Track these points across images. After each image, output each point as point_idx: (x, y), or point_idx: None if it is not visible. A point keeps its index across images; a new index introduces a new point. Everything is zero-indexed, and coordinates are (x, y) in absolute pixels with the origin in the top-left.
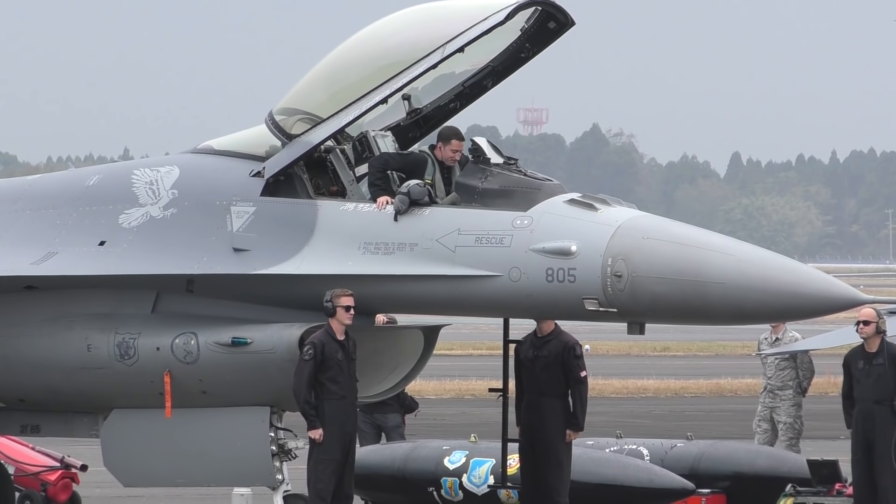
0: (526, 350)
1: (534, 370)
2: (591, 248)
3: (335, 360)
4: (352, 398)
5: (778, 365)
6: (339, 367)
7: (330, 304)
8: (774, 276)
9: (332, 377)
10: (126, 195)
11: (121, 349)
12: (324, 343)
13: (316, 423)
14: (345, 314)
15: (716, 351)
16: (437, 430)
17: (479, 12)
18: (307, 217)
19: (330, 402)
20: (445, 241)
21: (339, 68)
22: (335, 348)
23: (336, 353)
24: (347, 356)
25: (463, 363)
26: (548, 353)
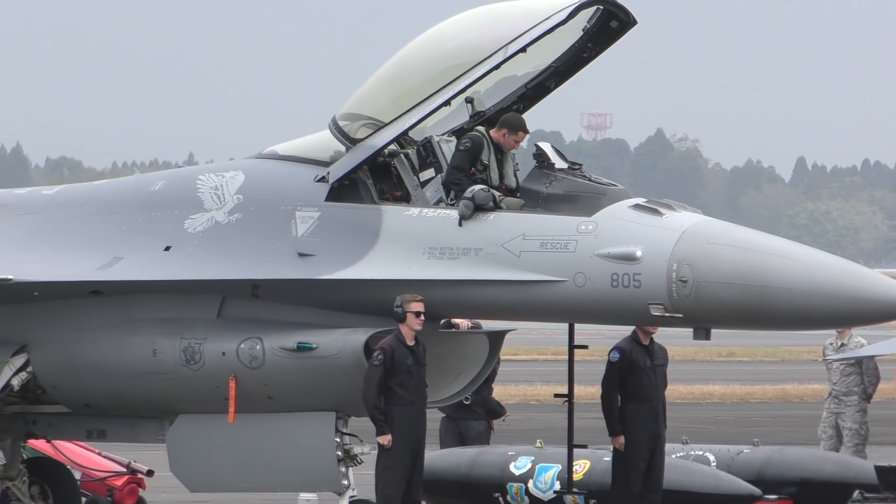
0: (641, 358)
1: (655, 378)
2: (657, 254)
3: (405, 366)
4: (420, 404)
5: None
6: (409, 373)
7: (400, 310)
8: (840, 281)
9: (401, 382)
10: (191, 200)
11: (186, 354)
12: (393, 348)
13: (385, 429)
14: (415, 319)
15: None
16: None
17: (540, 12)
18: (372, 222)
19: (399, 407)
20: (510, 246)
21: (401, 72)
22: (405, 354)
23: (406, 358)
24: (417, 362)
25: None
26: (661, 360)
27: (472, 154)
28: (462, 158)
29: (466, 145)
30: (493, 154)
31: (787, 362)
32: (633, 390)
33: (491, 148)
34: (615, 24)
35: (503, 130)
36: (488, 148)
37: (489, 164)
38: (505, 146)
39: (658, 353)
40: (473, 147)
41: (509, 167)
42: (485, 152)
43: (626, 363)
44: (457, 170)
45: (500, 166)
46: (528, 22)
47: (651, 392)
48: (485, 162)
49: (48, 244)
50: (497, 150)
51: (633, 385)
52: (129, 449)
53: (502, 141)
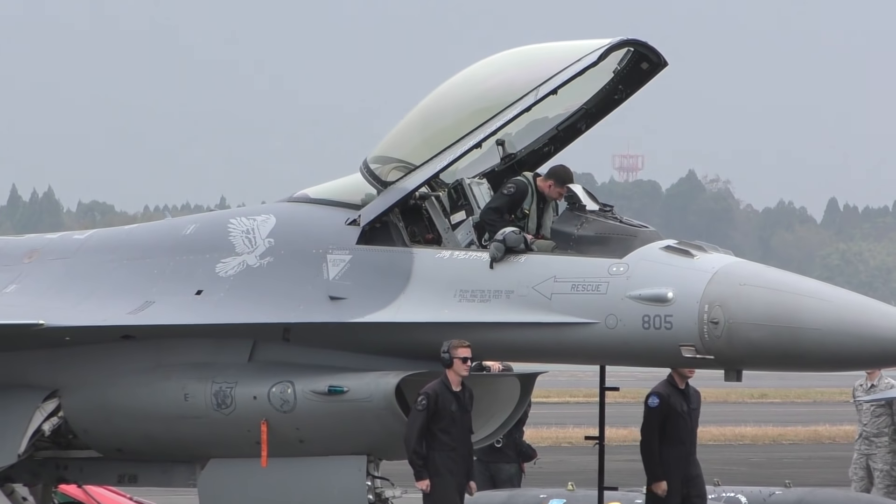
0: (678, 402)
1: (690, 422)
2: (688, 295)
3: (448, 412)
4: (463, 450)
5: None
6: (452, 419)
7: (447, 355)
8: (871, 322)
9: (443, 428)
10: (223, 244)
11: (218, 398)
12: (438, 393)
13: (423, 474)
14: (462, 365)
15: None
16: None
17: (571, 54)
18: (403, 265)
19: (440, 452)
20: (541, 288)
21: (432, 114)
22: (449, 399)
23: (450, 404)
24: (462, 408)
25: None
26: (696, 404)
27: (514, 200)
28: (502, 201)
29: (511, 190)
30: (536, 202)
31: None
32: (669, 434)
33: (534, 196)
34: (646, 65)
35: (550, 182)
36: (532, 196)
37: (529, 213)
38: (549, 196)
39: (693, 397)
40: (517, 193)
41: (548, 217)
42: (527, 200)
43: (663, 407)
44: (494, 211)
45: (541, 215)
46: (559, 64)
47: (685, 436)
48: (526, 210)
49: (79, 289)
50: (540, 198)
51: (669, 429)
52: (160, 494)
53: (547, 191)
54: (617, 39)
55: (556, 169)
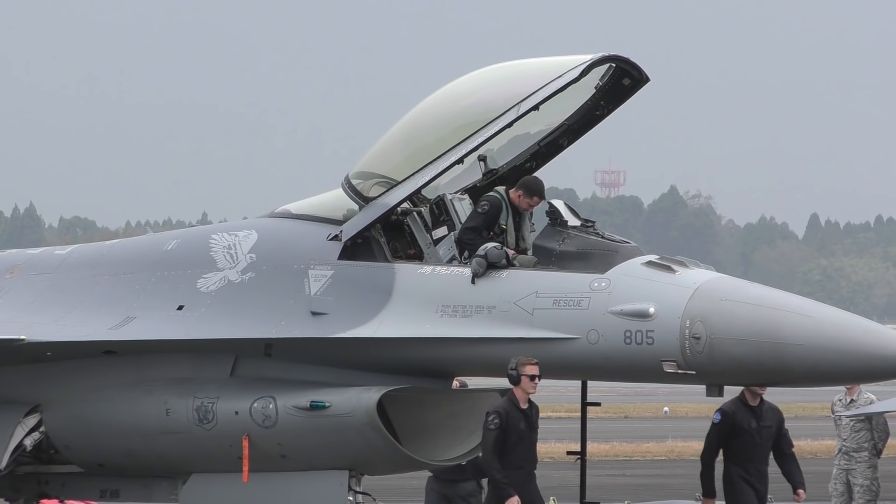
0: (746, 420)
1: (760, 440)
2: (670, 311)
3: (517, 430)
4: (530, 468)
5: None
6: (520, 437)
7: (515, 372)
8: (853, 338)
9: (512, 446)
10: (204, 259)
11: (199, 413)
12: (508, 412)
13: (510, 492)
14: (529, 383)
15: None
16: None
17: (553, 70)
18: (385, 280)
19: (509, 471)
20: (523, 303)
21: (414, 130)
22: (518, 417)
23: (519, 422)
24: (530, 425)
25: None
26: (770, 421)
27: (490, 217)
28: (478, 220)
29: (484, 208)
30: (512, 216)
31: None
32: (736, 451)
33: (509, 210)
34: (628, 81)
35: (520, 192)
36: (507, 210)
37: (507, 228)
38: (519, 207)
39: (767, 414)
40: (491, 210)
41: (526, 228)
42: (503, 215)
43: (728, 425)
44: (471, 230)
45: (518, 228)
46: (540, 80)
47: (754, 453)
48: (503, 226)
49: (61, 304)
50: (515, 211)
51: (737, 447)
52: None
53: (517, 202)
54: (599, 55)
55: (525, 180)
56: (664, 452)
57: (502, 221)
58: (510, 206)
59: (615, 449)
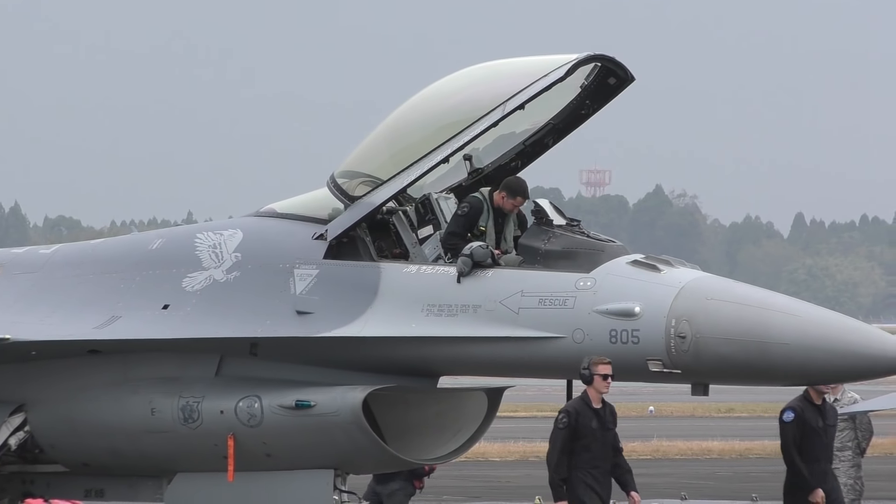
0: (813, 418)
1: (826, 439)
2: (655, 310)
3: (589, 429)
4: (605, 467)
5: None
6: (593, 436)
7: (587, 372)
8: (838, 337)
9: (585, 445)
10: (189, 259)
11: (185, 412)
12: (578, 411)
13: (562, 495)
14: (602, 382)
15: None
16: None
17: (538, 69)
18: (370, 279)
19: (582, 471)
20: (509, 302)
21: (399, 129)
22: (590, 416)
23: (590, 421)
24: (603, 425)
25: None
26: (833, 420)
27: (470, 219)
28: (459, 224)
29: (464, 210)
30: (493, 218)
31: None
32: (804, 450)
33: (490, 212)
34: (613, 80)
35: (503, 193)
36: (488, 212)
37: (486, 230)
38: (503, 208)
39: (830, 413)
40: (471, 212)
41: (509, 230)
42: (483, 216)
43: (798, 422)
44: (453, 235)
45: (500, 230)
46: (526, 79)
47: (821, 452)
48: (482, 227)
49: (46, 303)
50: (498, 213)
51: (805, 445)
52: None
53: (501, 203)
54: (584, 55)
55: (508, 181)
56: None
57: (482, 223)
58: (492, 207)
59: None
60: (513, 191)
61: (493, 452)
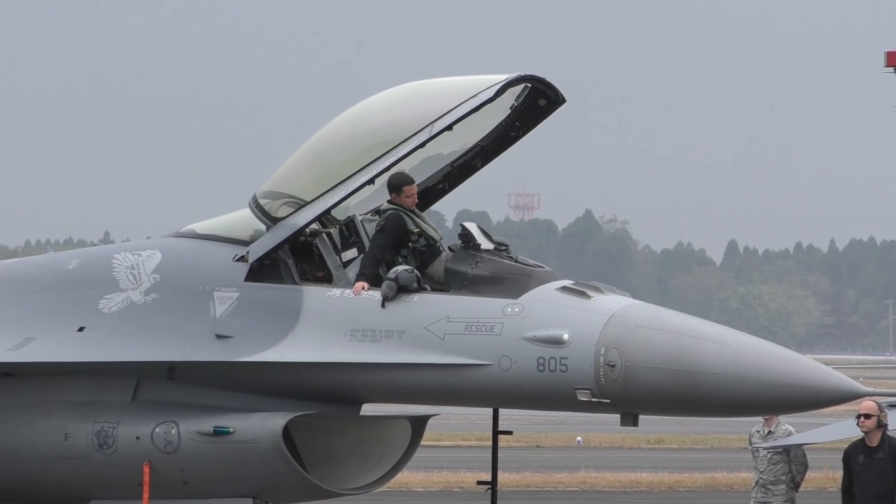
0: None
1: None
2: (584, 337)
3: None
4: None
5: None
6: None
7: None
8: (770, 367)
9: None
10: (106, 280)
11: (99, 438)
12: None
13: None
14: None
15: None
16: None
17: (467, 90)
18: (292, 303)
19: None
20: (434, 328)
21: (323, 149)
22: None
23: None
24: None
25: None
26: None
27: (393, 232)
28: (379, 241)
29: (381, 224)
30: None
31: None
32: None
33: (409, 213)
34: (543, 102)
35: (393, 194)
36: (407, 214)
37: (423, 229)
38: (406, 206)
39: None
40: (389, 224)
41: (426, 218)
42: (407, 220)
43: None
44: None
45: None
46: (454, 100)
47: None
48: (415, 231)
49: None
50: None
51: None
52: None
53: (400, 203)
54: (514, 75)
55: (389, 181)
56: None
57: (411, 227)
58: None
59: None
60: (398, 185)
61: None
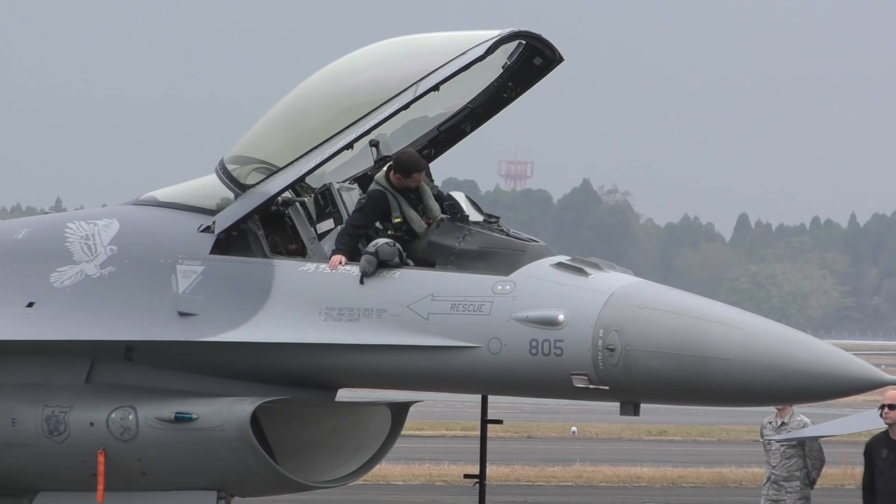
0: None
1: None
2: (581, 318)
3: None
4: None
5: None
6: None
7: None
8: (785, 352)
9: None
10: (58, 251)
11: (49, 424)
12: None
13: None
14: None
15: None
16: None
17: (455, 47)
18: (262, 278)
19: None
20: (417, 307)
21: (298, 111)
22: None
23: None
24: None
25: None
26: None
27: (372, 213)
28: (357, 220)
29: (361, 203)
30: (404, 200)
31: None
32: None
33: (398, 197)
34: (539, 61)
35: (398, 175)
36: (395, 198)
37: (405, 216)
38: (407, 186)
39: None
40: (368, 204)
41: (428, 197)
42: (393, 205)
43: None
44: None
45: (415, 204)
46: (441, 57)
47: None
48: (397, 219)
49: None
50: (405, 191)
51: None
52: None
53: (400, 184)
54: (507, 31)
55: (397, 159)
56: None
57: (395, 214)
58: (396, 190)
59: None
60: (406, 168)
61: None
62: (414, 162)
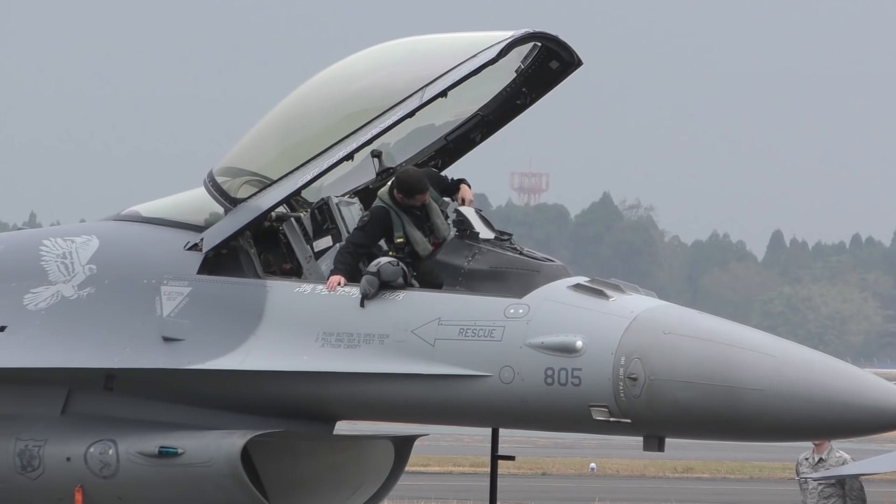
0: None
1: None
2: (601, 345)
3: None
4: None
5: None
6: None
7: None
8: (823, 382)
9: None
10: (33, 270)
11: (23, 459)
12: None
13: None
14: None
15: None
16: None
17: (465, 49)
18: (254, 300)
19: None
20: (423, 332)
21: (294, 118)
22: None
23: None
24: None
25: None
26: None
27: (373, 232)
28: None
29: (364, 221)
30: (407, 219)
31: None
32: None
33: (401, 215)
34: (556, 64)
35: (400, 194)
36: (399, 217)
37: (408, 236)
38: (413, 205)
39: None
40: (371, 222)
41: (436, 216)
42: (396, 223)
43: None
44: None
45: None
46: (450, 60)
47: None
48: (399, 239)
49: None
50: (410, 209)
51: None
52: None
53: (404, 203)
54: (522, 32)
55: (398, 178)
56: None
57: (397, 234)
58: (401, 208)
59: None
60: (409, 189)
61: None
62: (416, 182)
